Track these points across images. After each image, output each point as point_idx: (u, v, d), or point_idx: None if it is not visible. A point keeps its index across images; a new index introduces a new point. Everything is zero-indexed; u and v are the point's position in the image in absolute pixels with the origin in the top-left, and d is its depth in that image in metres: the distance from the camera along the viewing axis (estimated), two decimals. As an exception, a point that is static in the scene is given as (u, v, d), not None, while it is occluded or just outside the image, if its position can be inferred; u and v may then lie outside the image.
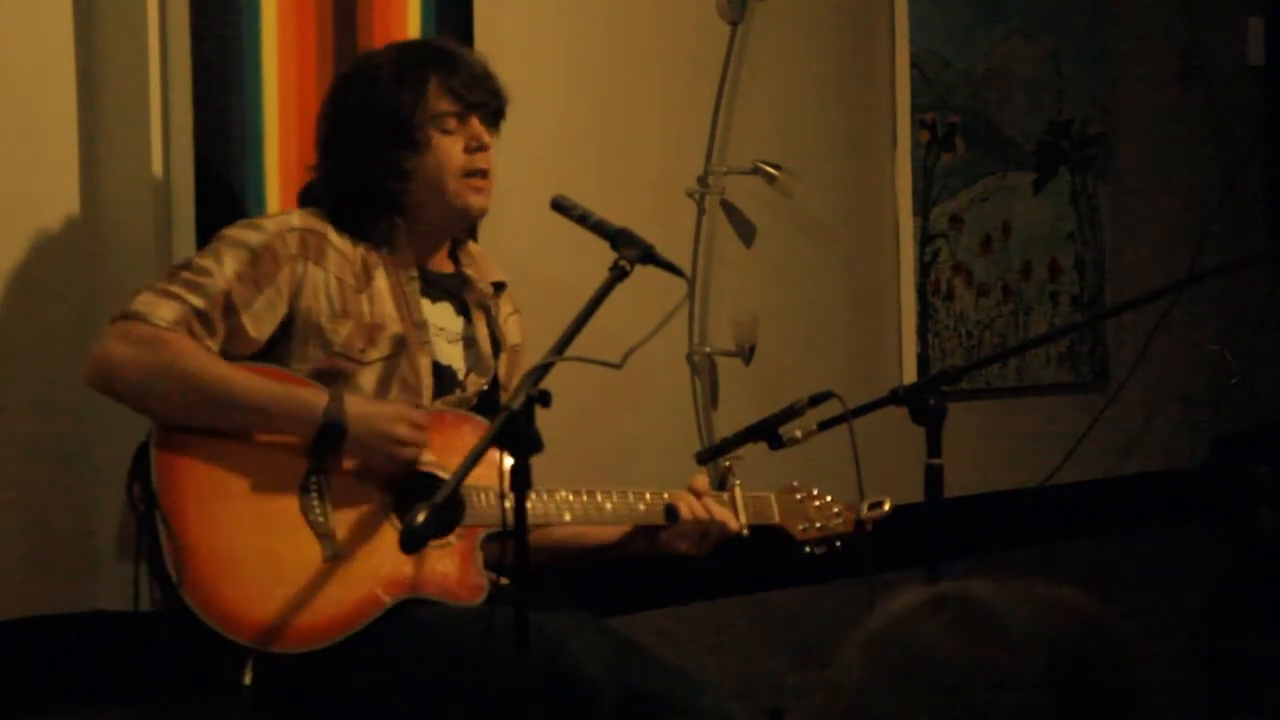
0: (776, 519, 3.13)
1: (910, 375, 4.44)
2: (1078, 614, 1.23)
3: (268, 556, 2.73)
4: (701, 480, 3.05)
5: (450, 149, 2.93)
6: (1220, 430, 5.26)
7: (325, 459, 2.79)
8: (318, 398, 2.78)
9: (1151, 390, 5.16)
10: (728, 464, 3.12)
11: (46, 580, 3.04)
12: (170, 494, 2.70)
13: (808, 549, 3.15)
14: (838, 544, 3.16)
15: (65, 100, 3.05)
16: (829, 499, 3.16)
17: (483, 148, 2.95)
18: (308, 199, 3.01)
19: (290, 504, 2.76)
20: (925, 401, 2.98)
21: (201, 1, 3.08)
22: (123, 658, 3.01)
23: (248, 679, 2.68)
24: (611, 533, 3.04)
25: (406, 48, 3.12)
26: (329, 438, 2.76)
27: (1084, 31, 5.02)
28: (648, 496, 2.98)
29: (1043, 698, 1.17)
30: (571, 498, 2.92)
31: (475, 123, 2.95)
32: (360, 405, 2.80)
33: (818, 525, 3.14)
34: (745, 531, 3.07)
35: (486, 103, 2.96)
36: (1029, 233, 4.85)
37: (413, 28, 3.39)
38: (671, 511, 2.99)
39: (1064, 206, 4.97)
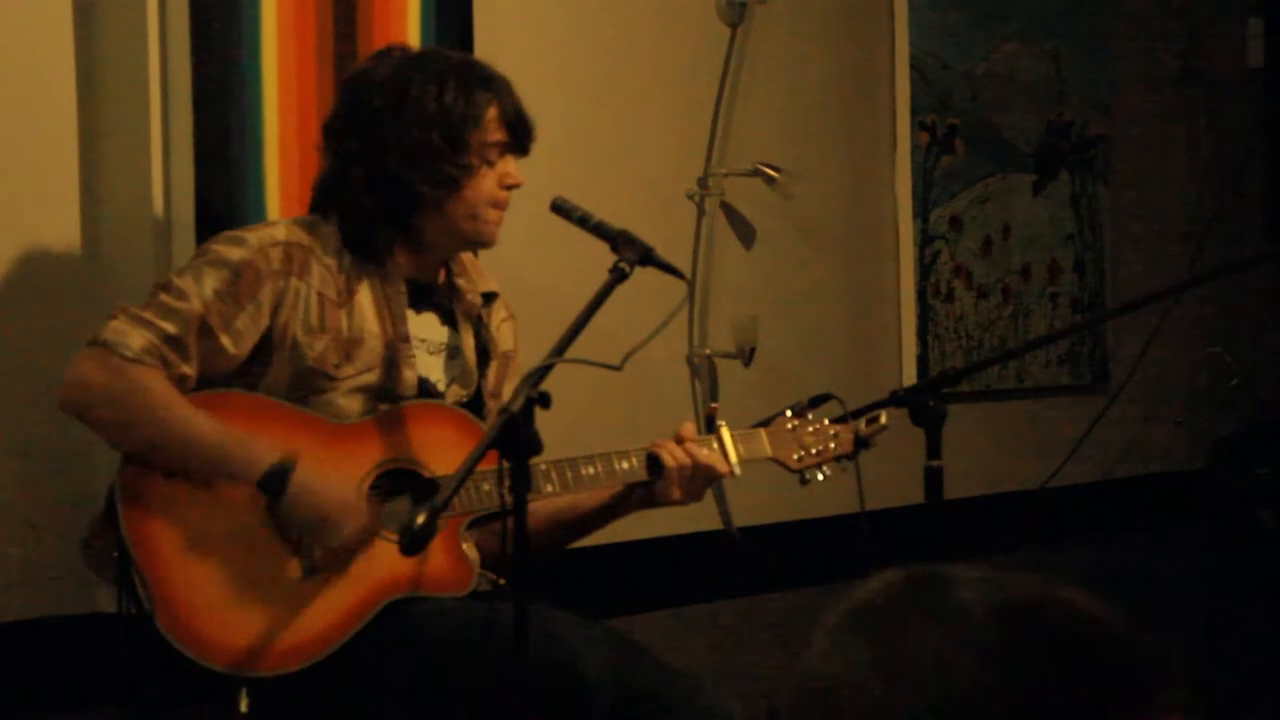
0: (769, 452, 3.04)
1: (910, 377, 4.44)
2: (1041, 596, 1.23)
3: (243, 580, 2.71)
4: (687, 428, 2.99)
5: (489, 179, 2.91)
6: (1220, 432, 5.26)
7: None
8: (268, 454, 2.72)
9: (1151, 392, 5.16)
10: (714, 405, 3.06)
11: (44, 583, 3.03)
12: (139, 532, 2.69)
13: (807, 476, 3.06)
14: (842, 463, 3.05)
15: (65, 104, 3.05)
16: (825, 422, 3.06)
17: (515, 185, 2.95)
18: (321, 198, 2.94)
19: (263, 524, 2.74)
20: (925, 403, 2.98)
21: (201, 5, 3.08)
22: (121, 660, 3.01)
23: (243, 706, 2.68)
24: (602, 495, 2.98)
25: (465, 64, 2.99)
26: (265, 494, 2.72)
27: (1084, 33, 5.02)
28: (632, 456, 2.94)
29: (989, 676, 1.17)
30: (553, 470, 2.88)
31: (511, 159, 2.95)
32: (309, 477, 2.72)
33: (814, 451, 3.04)
34: (736, 471, 3.01)
35: (526, 143, 2.96)
36: (1029, 234, 4.85)
37: (413, 30, 3.39)
38: (654, 461, 2.93)
39: (1064, 208, 4.97)
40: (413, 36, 3.39)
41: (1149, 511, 5.11)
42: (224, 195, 3.12)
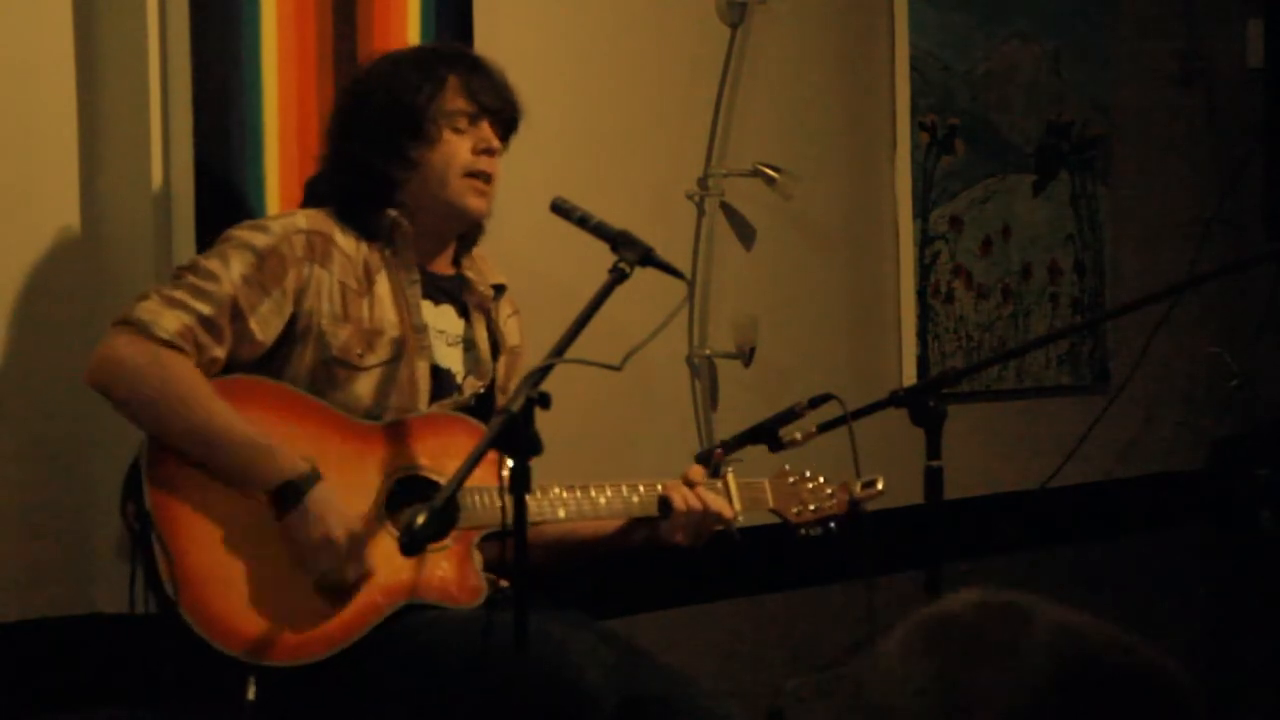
0: (770, 503, 3.10)
1: (910, 377, 4.44)
2: (1118, 656, 1.21)
3: (262, 571, 2.71)
4: (696, 471, 3.02)
5: (458, 146, 2.93)
6: (1220, 432, 5.26)
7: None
8: (286, 469, 2.72)
9: (1152, 392, 5.16)
10: (719, 450, 3.10)
11: (45, 583, 3.03)
12: (164, 511, 2.69)
13: (803, 531, 3.12)
14: (832, 525, 3.12)
15: (65, 101, 3.05)
16: (821, 480, 3.13)
17: (490, 151, 2.95)
18: (312, 195, 3.01)
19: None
20: (925, 403, 2.98)
21: (201, 3, 3.08)
22: (121, 661, 3.01)
23: (251, 694, 2.68)
24: (606, 526, 3.02)
25: (429, 47, 3.17)
26: (282, 500, 2.72)
27: (1084, 33, 5.02)
28: (641, 489, 2.97)
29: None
30: (565, 494, 2.91)
31: (486, 126, 2.95)
32: (325, 500, 2.72)
33: (811, 508, 3.11)
34: (740, 518, 3.05)
35: (500, 109, 2.97)
36: (1029, 235, 4.85)
37: (413, 29, 3.39)
38: (665, 504, 2.96)
39: (1064, 208, 4.97)
40: (413, 36, 3.39)
41: (1149, 511, 5.11)
42: (224, 195, 3.12)
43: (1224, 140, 5.42)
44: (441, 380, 2.95)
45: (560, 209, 2.89)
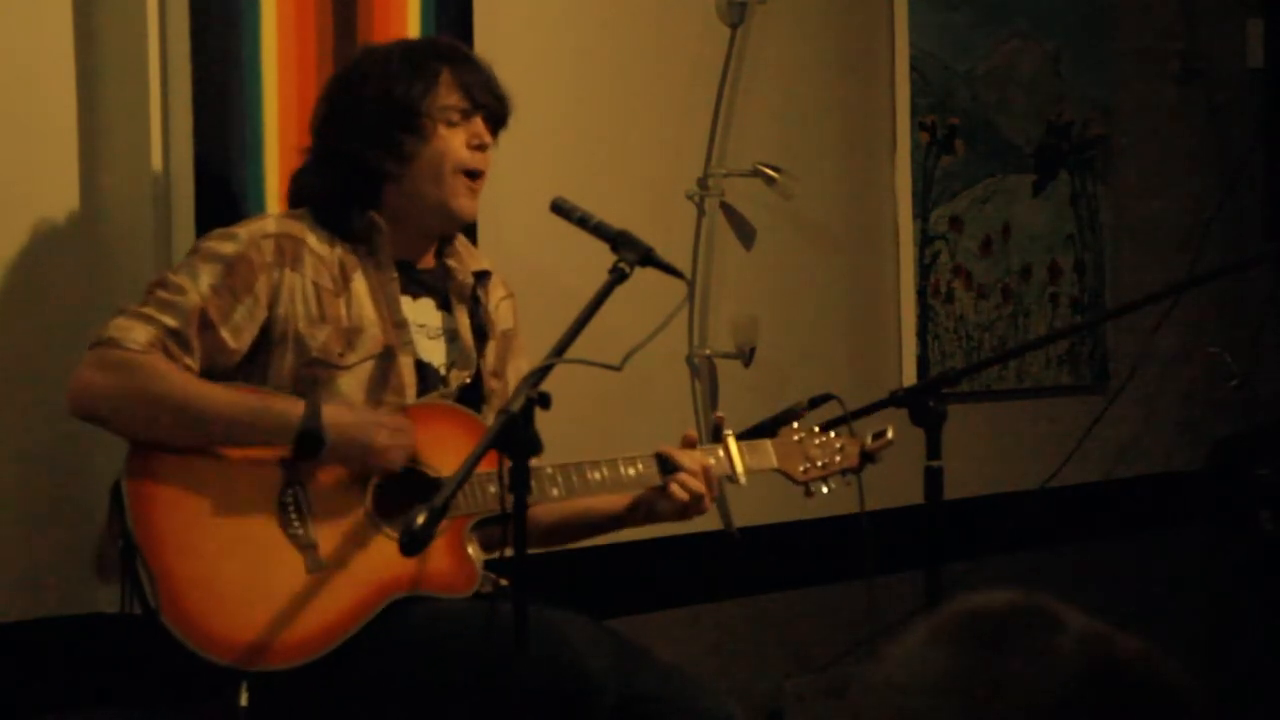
0: (774, 464, 3.04)
1: (910, 377, 4.44)
2: (1144, 672, 1.20)
3: (249, 576, 2.72)
4: (693, 433, 3.01)
5: (453, 140, 2.93)
6: (1220, 432, 5.26)
7: (301, 470, 2.77)
8: (294, 408, 2.75)
9: (1151, 392, 5.16)
10: (720, 415, 3.07)
11: (45, 583, 3.03)
12: (145, 528, 2.69)
13: (812, 489, 3.06)
14: (847, 478, 3.05)
15: (65, 100, 3.05)
16: (831, 435, 3.07)
17: (484, 147, 2.95)
18: (297, 187, 2.99)
19: (268, 521, 2.75)
20: (925, 403, 2.98)
21: (201, 3, 3.08)
22: (121, 661, 3.01)
23: (243, 700, 2.68)
24: (617, 503, 2.99)
25: (419, 41, 3.17)
26: (306, 448, 2.75)
27: (1084, 33, 5.02)
28: (638, 463, 2.94)
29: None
30: (558, 475, 2.89)
31: (479, 122, 2.95)
32: (337, 414, 2.77)
33: (820, 464, 3.04)
34: (742, 481, 3.01)
35: (493, 105, 2.96)
36: (1029, 235, 4.85)
37: (412, 28, 3.39)
38: (664, 461, 2.92)
39: (1064, 209, 4.97)
40: (412, 35, 3.39)
41: (1149, 511, 5.11)
42: (224, 194, 3.13)
43: (1224, 140, 5.42)
44: (425, 375, 2.95)
45: (560, 209, 2.89)
